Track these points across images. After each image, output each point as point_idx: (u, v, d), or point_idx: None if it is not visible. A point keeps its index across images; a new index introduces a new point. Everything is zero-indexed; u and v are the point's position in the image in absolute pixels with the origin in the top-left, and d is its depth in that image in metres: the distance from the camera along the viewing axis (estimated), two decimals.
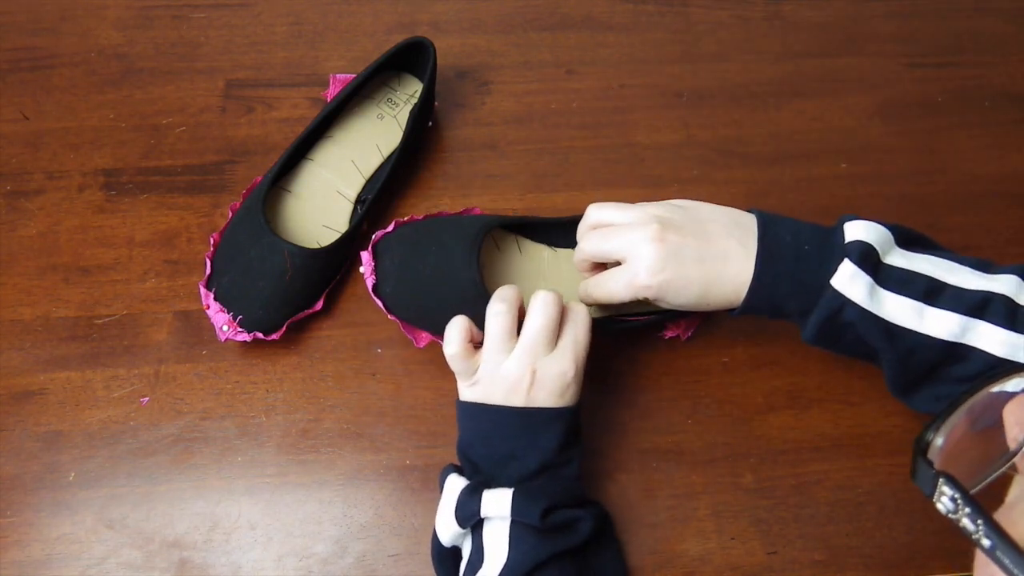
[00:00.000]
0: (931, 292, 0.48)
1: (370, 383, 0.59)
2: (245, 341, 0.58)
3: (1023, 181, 0.68)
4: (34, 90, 0.70)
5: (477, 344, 0.51)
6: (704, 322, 0.61)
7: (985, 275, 0.49)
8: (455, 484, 0.50)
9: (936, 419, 0.36)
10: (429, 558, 0.52)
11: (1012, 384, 0.38)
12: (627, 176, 0.67)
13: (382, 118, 0.66)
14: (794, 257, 0.49)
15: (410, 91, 0.68)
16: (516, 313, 0.51)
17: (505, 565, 0.47)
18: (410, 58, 0.66)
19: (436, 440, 0.57)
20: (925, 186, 0.68)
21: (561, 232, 0.60)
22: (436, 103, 0.69)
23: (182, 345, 0.60)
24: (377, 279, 0.56)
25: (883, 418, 0.59)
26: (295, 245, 0.57)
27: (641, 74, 0.72)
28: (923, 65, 0.74)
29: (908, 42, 0.75)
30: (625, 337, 0.60)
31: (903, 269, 0.49)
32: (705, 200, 0.53)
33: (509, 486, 0.48)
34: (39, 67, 0.71)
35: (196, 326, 0.60)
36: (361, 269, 0.56)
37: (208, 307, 0.58)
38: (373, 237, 0.57)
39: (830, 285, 0.48)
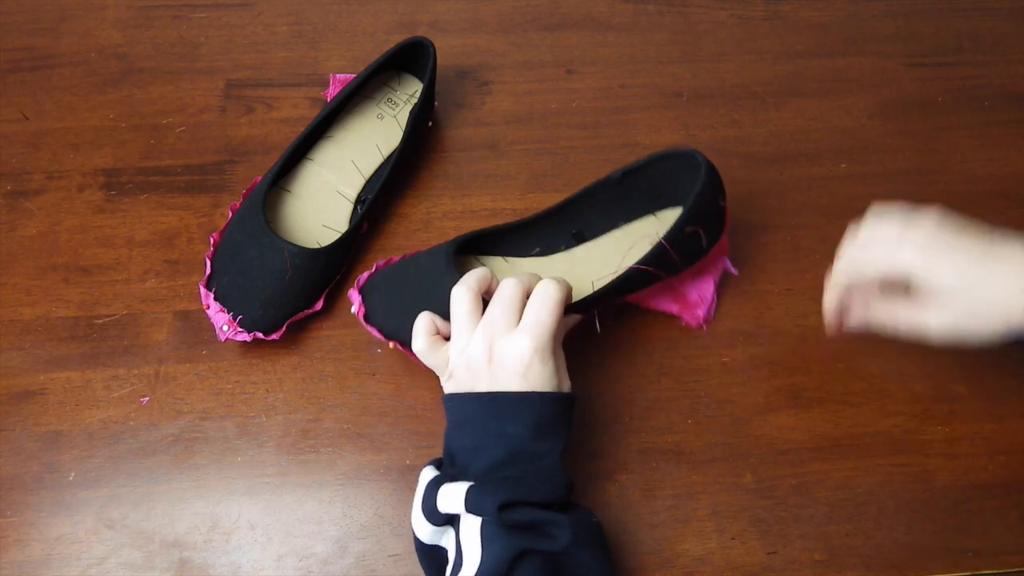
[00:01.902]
0: None
1: (370, 383, 0.59)
2: (245, 341, 0.58)
3: (1023, 181, 0.68)
4: (34, 90, 0.70)
5: (448, 338, 0.50)
6: (705, 322, 0.61)
7: None
8: (425, 477, 0.49)
9: None
10: None
11: None
12: None
13: (382, 118, 0.66)
14: None
15: (410, 91, 0.68)
16: (478, 296, 0.50)
17: (479, 568, 0.44)
18: (410, 58, 0.66)
19: (436, 440, 0.57)
20: (925, 186, 0.68)
21: (514, 239, 0.60)
22: (436, 103, 0.69)
23: (182, 345, 0.60)
24: (367, 311, 0.57)
25: (883, 418, 0.59)
26: (295, 245, 0.57)
27: (641, 74, 0.72)
28: (923, 65, 0.74)
29: (908, 42, 0.75)
30: (625, 337, 0.60)
31: None
32: None
33: (477, 478, 0.46)
34: (39, 67, 0.71)
35: (196, 326, 0.60)
36: (353, 310, 0.57)
37: (208, 307, 0.58)
38: (358, 280, 0.58)
39: None
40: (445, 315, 0.52)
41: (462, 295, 0.50)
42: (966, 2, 0.77)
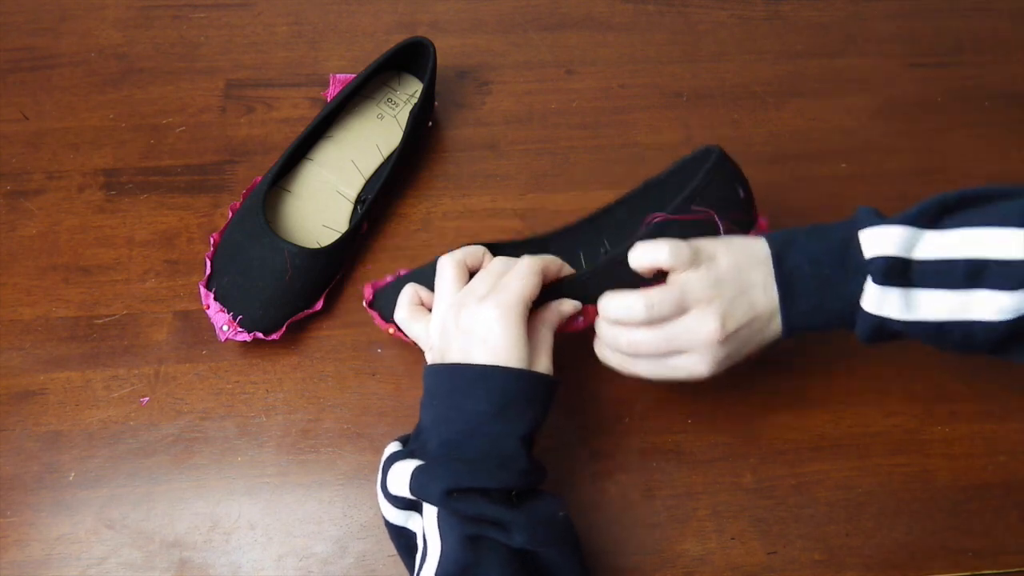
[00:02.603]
0: (974, 274, 0.44)
1: (370, 383, 0.59)
2: (245, 341, 0.58)
3: (1023, 181, 0.68)
4: (34, 90, 0.70)
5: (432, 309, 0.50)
6: None
7: None
8: (386, 452, 0.47)
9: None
10: None
11: None
12: (627, 176, 0.67)
13: (382, 118, 0.66)
14: (817, 288, 0.47)
15: (410, 91, 0.68)
16: (463, 267, 0.49)
17: (439, 560, 0.42)
18: (410, 58, 0.66)
19: None
20: (925, 186, 0.68)
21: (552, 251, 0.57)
22: (436, 103, 0.69)
23: (182, 345, 0.60)
24: (378, 308, 0.57)
25: (883, 418, 0.59)
26: (295, 245, 0.57)
27: (641, 74, 0.72)
28: (923, 65, 0.74)
29: (908, 42, 0.75)
30: None
31: (937, 260, 0.45)
32: None
33: (431, 455, 0.45)
34: (39, 67, 0.71)
35: (196, 326, 0.60)
36: (364, 299, 0.58)
37: (208, 307, 0.58)
38: (377, 281, 0.58)
39: (861, 308, 0.46)
40: None
41: (445, 265, 0.49)
42: (966, 2, 0.77)
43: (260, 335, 0.57)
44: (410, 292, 0.51)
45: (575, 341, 0.57)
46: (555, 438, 0.57)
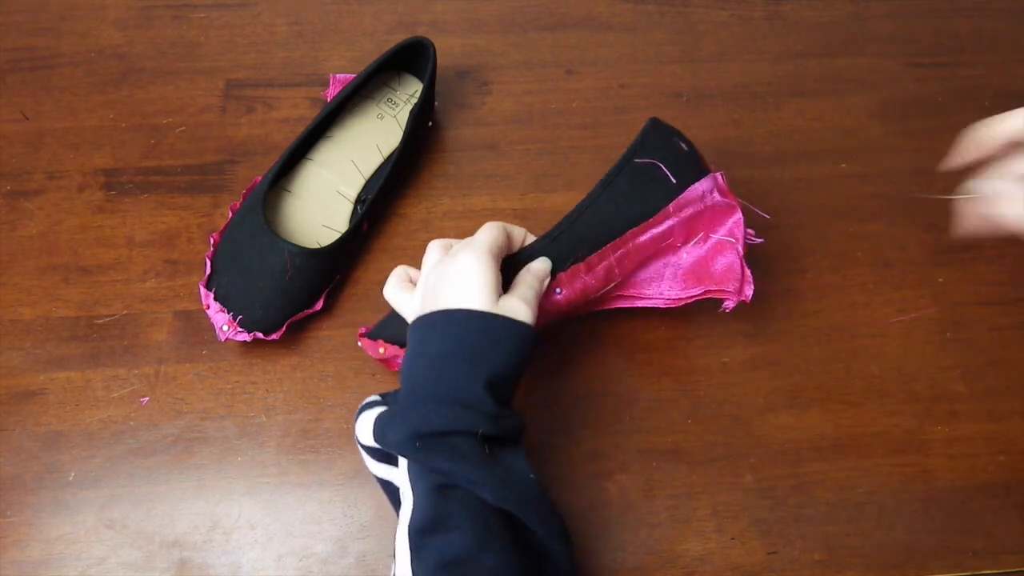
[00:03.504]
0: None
1: (370, 383, 0.59)
2: (245, 341, 0.58)
3: None
4: (34, 90, 0.70)
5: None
6: (703, 322, 0.61)
7: None
8: (361, 404, 0.48)
9: None
10: None
11: None
12: None
13: (382, 118, 0.66)
14: None
15: (410, 91, 0.68)
16: (447, 248, 0.50)
17: (412, 509, 0.42)
18: (410, 58, 0.66)
19: None
20: (925, 186, 0.68)
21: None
22: (436, 103, 0.69)
23: (182, 345, 0.60)
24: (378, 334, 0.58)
25: (883, 418, 0.59)
26: (295, 245, 0.57)
27: (641, 74, 0.72)
28: (923, 65, 0.74)
29: (908, 42, 0.75)
30: (625, 336, 0.60)
31: None
32: None
33: (399, 402, 0.44)
34: (39, 67, 0.71)
35: (196, 326, 0.60)
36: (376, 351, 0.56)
37: (208, 307, 0.58)
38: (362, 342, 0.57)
39: None
40: None
41: (432, 244, 0.51)
42: (966, 2, 0.77)
43: (260, 335, 0.57)
44: (400, 271, 0.53)
45: (576, 341, 0.57)
46: (555, 438, 0.57)
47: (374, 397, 0.48)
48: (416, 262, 0.58)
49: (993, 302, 0.63)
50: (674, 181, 0.53)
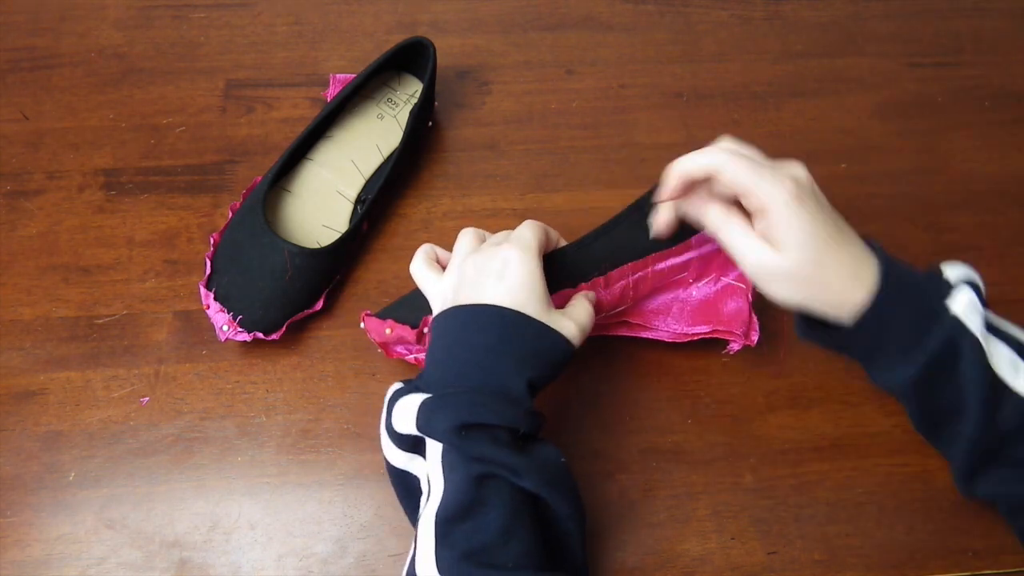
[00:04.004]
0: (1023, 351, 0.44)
1: (370, 383, 0.59)
2: (245, 341, 0.58)
3: (1023, 181, 0.68)
4: (34, 90, 0.70)
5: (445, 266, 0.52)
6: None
7: None
8: (390, 391, 0.47)
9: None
10: None
11: None
12: (627, 176, 0.67)
13: (382, 118, 0.66)
14: (913, 283, 0.45)
15: (410, 91, 0.68)
16: (481, 237, 0.51)
17: (443, 496, 0.42)
18: (410, 58, 0.66)
19: None
20: (925, 186, 0.68)
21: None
22: (436, 103, 0.69)
23: (182, 345, 0.60)
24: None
25: (883, 418, 0.59)
26: (295, 245, 0.57)
27: (641, 74, 0.72)
28: (923, 65, 0.74)
29: (908, 42, 0.75)
30: (625, 336, 0.60)
31: (999, 327, 0.46)
32: None
33: (437, 387, 0.45)
34: (39, 67, 0.71)
35: (196, 326, 0.60)
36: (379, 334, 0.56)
37: (208, 307, 0.58)
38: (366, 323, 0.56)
39: (948, 310, 0.44)
40: None
41: (465, 231, 0.51)
42: (966, 2, 0.77)
43: (260, 335, 0.57)
44: (427, 248, 0.53)
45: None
46: (555, 438, 0.57)
47: (399, 385, 0.48)
48: None
49: (993, 302, 0.63)
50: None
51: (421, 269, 0.52)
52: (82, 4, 0.74)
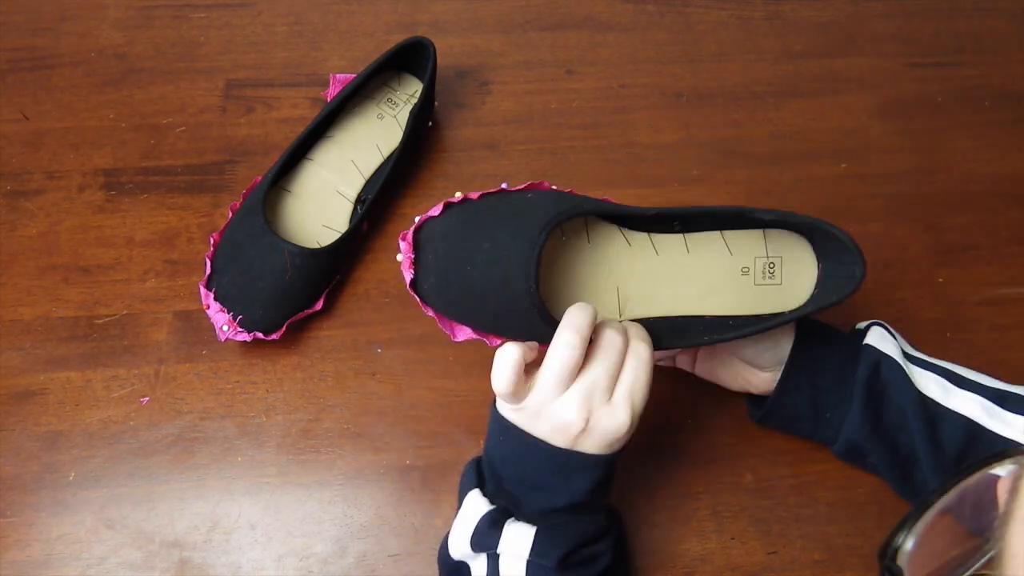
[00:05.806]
0: (952, 379, 0.51)
1: (370, 383, 0.59)
2: (245, 341, 0.58)
3: (1023, 181, 0.68)
4: (34, 90, 0.70)
5: (528, 363, 0.45)
6: None
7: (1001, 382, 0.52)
8: (477, 505, 0.47)
9: (905, 521, 0.32)
10: (429, 558, 0.52)
11: (997, 470, 0.34)
12: (627, 176, 0.67)
13: (382, 118, 0.66)
14: (820, 345, 0.52)
15: (410, 91, 0.68)
16: (586, 347, 0.44)
17: None
18: (410, 58, 0.66)
19: (436, 440, 0.57)
20: (925, 186, 0.68)
21: (639, 221, 0.50)
22: (436, 103, 0.69)
23: (182, 345, 0.60)
24: (416, 274, 0.48)
25: None
26: (295, 245, 0.57)
27: (641, 74, 0.72)
28: (923, 65, 0.74)
29: (908, 42, 0.75)
30: None
31: (923, 359, 0.53)
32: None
33: (532, 516, 0.46)
34: (39, 67, 0.71)
35: (196, 326, 0.60)
36: (399, 258, 0.48)
37: (208, 307, 0.58)
38: (417, 220, 0.49)
39: (865, 344, 0.51)
40: (510, 311, 0.45)
41: (571, 347, 0.43)
42: (966, 2, 0.77)
43: (260, 335, 0.57)
44: (516, 362, 0.44)
45: None
46: None
47: (482, 499, 0.48)
48: None
49: (993, 302, 0.63)
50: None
51: (509, 390, 0.44)
52: (82, 4, 0.74)
